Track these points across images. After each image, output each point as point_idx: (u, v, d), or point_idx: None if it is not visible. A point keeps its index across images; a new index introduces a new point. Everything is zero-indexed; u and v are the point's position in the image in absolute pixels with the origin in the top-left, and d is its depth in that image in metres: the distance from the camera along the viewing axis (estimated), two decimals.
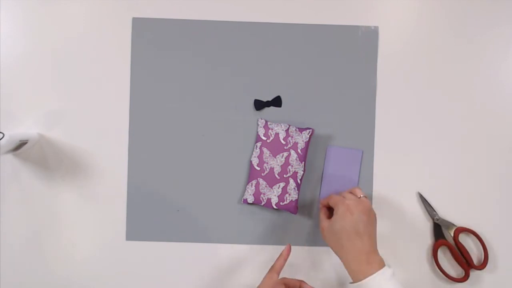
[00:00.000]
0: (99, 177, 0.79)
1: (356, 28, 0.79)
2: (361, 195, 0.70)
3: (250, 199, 0.77)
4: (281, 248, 0.72)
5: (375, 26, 0.79)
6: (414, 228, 0.78)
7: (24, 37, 0.79)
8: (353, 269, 0.65)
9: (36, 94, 0.79)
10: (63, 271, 0.79)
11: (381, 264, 0.65)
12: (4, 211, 0.78)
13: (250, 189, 0.77)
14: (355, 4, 0.79)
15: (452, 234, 0.77)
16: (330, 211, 0.72)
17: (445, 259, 0.78)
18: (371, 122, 0.79)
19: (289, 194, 0.76)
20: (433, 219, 0.78)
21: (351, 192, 0.71)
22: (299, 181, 0.77)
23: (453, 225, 0.77)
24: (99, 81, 0.79)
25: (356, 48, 0.79)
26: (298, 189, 0.77)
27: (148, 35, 0.79)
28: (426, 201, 0.78)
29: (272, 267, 0.70)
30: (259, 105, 0.79)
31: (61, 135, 0.79)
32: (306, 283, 0.70)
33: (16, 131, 0.78)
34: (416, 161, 0.79)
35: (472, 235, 0.77)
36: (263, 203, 0.77)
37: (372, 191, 0.79)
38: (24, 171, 0.78)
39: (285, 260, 0.71)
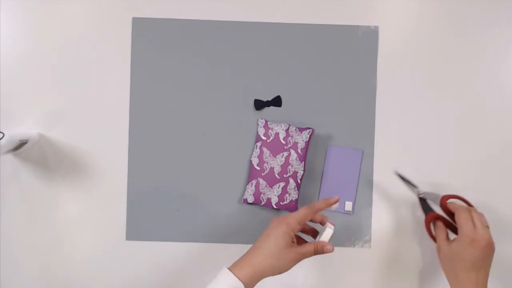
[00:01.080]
0: (99, 177, 0.79)
1: (356, 28, 0.79)
2: (487, 225, 0.67)
3: (250, 199, 0.77)
4: None
5: (375, 26, 0.79)
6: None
7: (24, 37, 0.79)
8: None
9: (36, 94, 0.79)
10: (63, 271, 0.79)
11: None
12: (4, 211, 0.78)
13: (250, 189, 0.77)
14: (355, 4, 0.79)
15: (439, 204, 0.73)
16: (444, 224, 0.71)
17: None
18: (371, 122, 0.79)
19: (289, 194, 0.76)
20: (417, 195, 0.76)
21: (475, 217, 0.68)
22: (299, 181, 0.77)
23: (438, 195, 0.74)
24: (99, 81, 0.79)
25: (356, 48, 0.79)
26: (298, 189, 0.77)
27: (148, 35, 0.79)
28: (405, 179, 0.77)
29: (312, 204, 0.66)
30: (259, 105, 0.79)
31: (61, 135, 0.79)
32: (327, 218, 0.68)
33: (16, 131, 0.78)
34: (416, 161, 0.79)
35: (459, 200, 0.75)
36: (263, 203, 0.77)
37: (372, 191, 0.79)
38: (24, 171, 0.78)
39: (327, 205, 0.67)
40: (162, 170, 0.79)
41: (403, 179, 0.78)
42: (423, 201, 0.76)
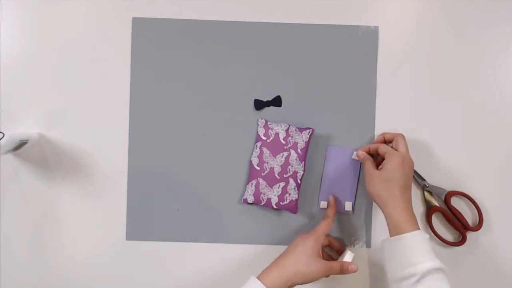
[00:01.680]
0: (99, 177, 0.79)
1: (356, 28, 0.79)
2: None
3: (250, 199, 0.77)
4: (281, 247, 0.72)
5: (375, 26, 0.79)
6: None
7: (24, 37, 0.79)
8: (397, 221, 0.66)
9: (36, 94, 0.79)
10: (63, 271, 0.79)
11: (418, 226, 0.67)
12: (4, 211, 0.78)
13: (250, 189, 0.77)
14: (355, 4, 0.79)
15: (444, 199, 0.77)
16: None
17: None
18: (371, 122, 0.79)
19: (289, 194, 0.76)
20: (422, 187, 0.78)
21: (388, 144, 0.74)
22: (299, 181, 0.77)
23: (444, 190, 0.77)
24: (99, 81, 0.79)
25: (356, 48, 0.79)
26: (298, 189, 0.77)
27: (148, 35, 0.79)
28: (414, 170, 0.77)
29: (326, 215, 0.74)
30: (259, 105, 0.79)
31: (61, 135, 0.79)
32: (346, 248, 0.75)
33: (16, 131, 0.78)
34: (416, 160, 0.79)
35: (464, 198, 0.78)
36: (263, 203, 0.77)
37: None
38: (24, 171, 0.78)
39: (335, 208, 0.75)
40: (162, 170, 0.79)
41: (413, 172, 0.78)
42: (428, 195, 0.78)
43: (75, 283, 0.79)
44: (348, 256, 0.72)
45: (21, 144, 0.73)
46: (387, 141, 0.75)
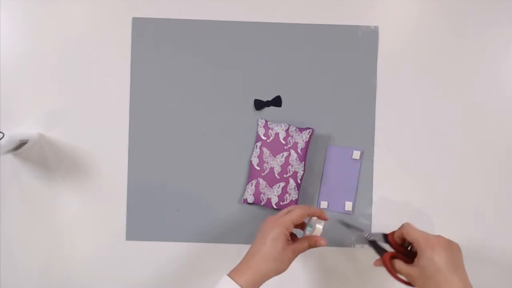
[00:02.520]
0: (99, 177, 0.79)
1: (356, 28, 0.79)
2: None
3: (250, 199, 0.77)
4: None
5: (375, 26, 0.79)
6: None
7: (24, 37, 0.79)
8: None
9: (36, 94, 0.79)
10: (63, 271, 0.79)
11: None
12: (4, 211, 0.78)
13: (250, 189, 0.77)
14: (355, 4, 0.79)
15: (387, 241, 0.69)
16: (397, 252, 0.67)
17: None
18: (371, 122, 0.79)
19: (289, 194, 0.76)
20: (366, 238, 0.71)
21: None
22: (299, 181, 0.77)
23: (384, 233, 0.69)
24: (99, 81, 0.79)
25: (356, 48, 0.79)
26: (298, 189, 0.77)
27: (148, 35, 0.79)
28: (350, 224, 0.76)
29: (309, 207, 0.67)
30: (259, 105, 0.79)
31: (61, 135, 0.79)
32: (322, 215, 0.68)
33: (16, 131, 0.78)
34: (416, 160, 0.79)
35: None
36: (263, 203, 0.77)
37: (372, 191, 0.79)
38: (24, 171, 0.78)
39: (321, 216, 0.67)
40: (162, 170, 0.79)
41: (348, 225, 0.77)
42: (373, 244, 0.69)
43: (75, 283, 0.79)
44: (317, 231, 0.67)
45: (21, 144, 0.73)
46: (398, 241, 0.67)
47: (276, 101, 0.79)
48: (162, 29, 0.79)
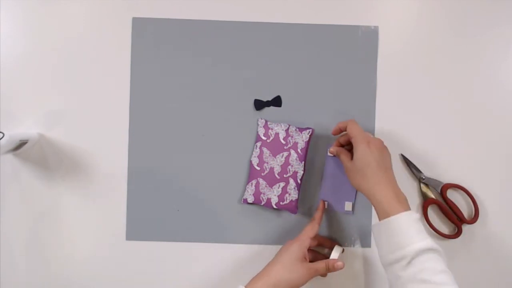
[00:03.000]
0: (99, 177, 0.79)
1: (356, 28, 0.79)
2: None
3: (250, 199, 0.77)
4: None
5: (375, 26, 0.79)
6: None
7: (24, 37, 0.79)
8: (383, 206, 0.64)
9: (36, 94, 0.79)
10: (63, 271, 0.79)
11: (408, 205, 0.65)
12: (4, 211, 0.78)
13: (250, 189, 0.77)
14: (355, 4, 0.79)
15: (440, 191, 0.77)
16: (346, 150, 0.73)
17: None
18: (371, 122, 0.79)
19: (289, 194, 0.76)
20: (419, 179, 0.78)
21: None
22: (299, 181, 0.77)
23: (440, 182, 0.77)
24: (99, 81, 0.79)
25: (356, 48, 0.79)
26: (298, 189, 0.77)
27: (148, 35, 0.79)
28: (410, 162, 0.78)
29: (313, 217, 0.74)
30: (259, 105, 0.79)
31: (61, 135, 0.79)
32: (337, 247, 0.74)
33: (16, 131, 0.78)
34: (416, 160, 0.79)
35: (460, 191, 0.78)
36: (263, 203, 0.77)
37: None
38: (24, 171, 0.78)
39: (322, 211, 0.76)
40: (162, 170, 0.79)
41: (409, 162, 0.78)
42: (424, 187, 0.78)
43: (75, 283, 0.79)
44: (334, 253, 0.72)
45: (21, 144, 0.73)
46: (342, 130, 0.74)
47: (276, 101, 0.79)
48: (162, 29, 0.79)
